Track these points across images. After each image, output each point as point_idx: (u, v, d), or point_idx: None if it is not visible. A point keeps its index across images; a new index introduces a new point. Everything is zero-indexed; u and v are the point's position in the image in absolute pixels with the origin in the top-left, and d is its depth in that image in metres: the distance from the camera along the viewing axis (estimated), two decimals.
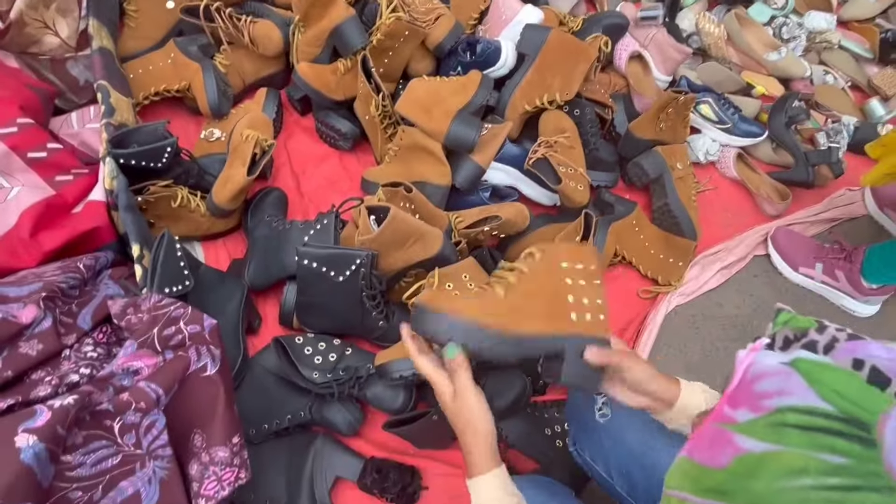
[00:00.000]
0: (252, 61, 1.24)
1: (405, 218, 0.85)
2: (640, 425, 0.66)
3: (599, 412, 0.68)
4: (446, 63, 1.25)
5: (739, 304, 1.18)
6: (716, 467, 0.31)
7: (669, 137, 1.22)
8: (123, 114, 1.03)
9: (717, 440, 0.32)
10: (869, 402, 0.28)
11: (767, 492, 0.29)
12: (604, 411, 0.67)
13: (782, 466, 0.28)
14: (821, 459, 0.28)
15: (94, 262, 0.85)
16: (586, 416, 0.69)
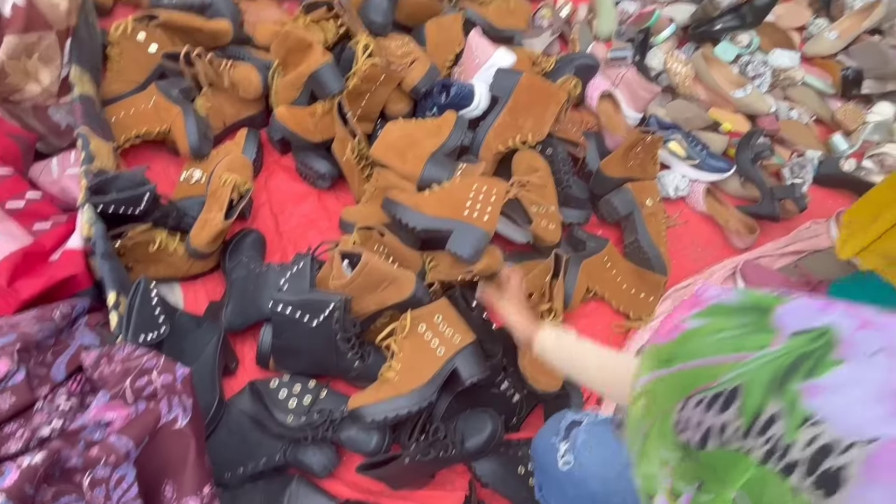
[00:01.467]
0: (232, 103, 1.27)
1: (377, 263, 0.88)
2: (602, 473, 0.68)
3: (562, 459, 0.69)
4: (422, 104, 1.28)
5: None
6: (667, 343, 0.43)
7: (639, 174, 1.26)
8: (103, 160, 1.05)
9: (673, 329, 0.44)
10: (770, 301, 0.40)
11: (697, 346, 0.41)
12: (567, 458, 0.69)
13: (708, 329, 0.41)
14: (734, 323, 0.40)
15: (71, 310, 0.87)
16: (550, 465, 0.71)
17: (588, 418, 0.72)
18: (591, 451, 0.68)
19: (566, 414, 0.74)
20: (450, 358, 0.91)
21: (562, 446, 0.70)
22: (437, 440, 0.87)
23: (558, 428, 0.72)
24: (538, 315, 0.99)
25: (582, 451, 0.68)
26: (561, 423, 0.72)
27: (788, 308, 0.38)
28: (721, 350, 0.39)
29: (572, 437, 0.70)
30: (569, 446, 0.69)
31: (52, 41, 1.07)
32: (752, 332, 0.38)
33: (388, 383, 0.88)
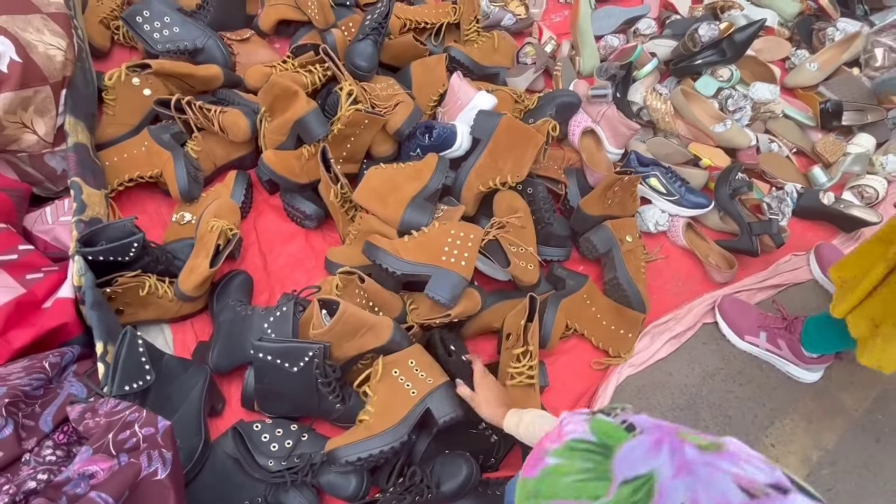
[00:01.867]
0: (222, 146, 1.31)
1: (355, 311, 0.91)
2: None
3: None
4: (407, 145, 1.32)
5: (689, 374, 1.23)
6: (532, 477, 0.49)
7: (619, 211, 1.29)
8: (95, 208, 1.09)
9: (537, 461, 0.50)
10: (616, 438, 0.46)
11: (552, 487, 0.46)
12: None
13: (561, 470, 0.47)
14: (579, 466, 0.46)
15: (60, 359, 0.90)
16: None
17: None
18: None
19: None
20: (422, 398, 0.93)
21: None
22: (413, 484, 0.89)
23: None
24: (514, 358, 1.02)
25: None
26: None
27: (625, 450, 0.44)
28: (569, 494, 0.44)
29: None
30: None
31: (47, 94, 1.12)
32: (593, 479, 0.44)
33: (362, 425, 0.91)
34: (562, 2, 1.91)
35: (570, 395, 1.16)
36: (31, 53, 1.08)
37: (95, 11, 1.52)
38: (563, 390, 1.15)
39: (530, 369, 1.01)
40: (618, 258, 1.24)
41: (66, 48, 1.18)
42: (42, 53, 1.11)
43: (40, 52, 1.10)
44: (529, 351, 1.01)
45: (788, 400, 1.22)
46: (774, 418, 1.19)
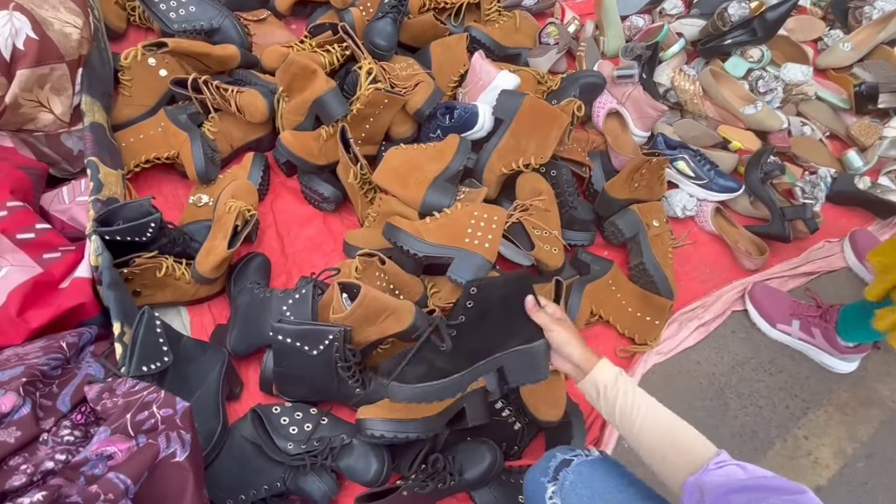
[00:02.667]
0: (239, 127, 1.29)
1: (376, 296, 0.88)
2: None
3: (550, 501, 0.69)
4: (427, 126, 1.29)
5: (717, 362, 1.19)
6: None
7: (645, 195, 1.25)
8: (112, 188, 1.07)
9: None
10: None
11: None
12: (554, 501, 0.68)
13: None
14: None
15: (78, 339, 0.89)
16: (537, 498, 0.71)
17: (578, 458, 0.71)
18: (579, 493, 0.67)
19: (556, 453, 0.73)
20: (461, 397, 0.91)
21: (549, 487, 0.69)
22: (436, 471, 0.87)
23: (548, 468, 0.71)
24: None
25: (570, 493, 0.67)
26: (551, 462, 0.72)
27: None
28: None
29: (561, 477, 0.69)
30: (557, 488, 0.69)
31: (63, 72, 1.10)
32: None
33: (400, 405, 0.88)
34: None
35: None
36: (47, 30, 1.06)
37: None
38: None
39: None
40: (644, 243, 1.20)
41: (82, 26, 1.16)
42: (58, 31, 1.09)
43: (56, 30, 1.08)
44: None
45: (822, 391, 1.18)
46: (807, 409, 1.15)
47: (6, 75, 1.01)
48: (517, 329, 0.79)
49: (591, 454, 0.73)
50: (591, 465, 0.70)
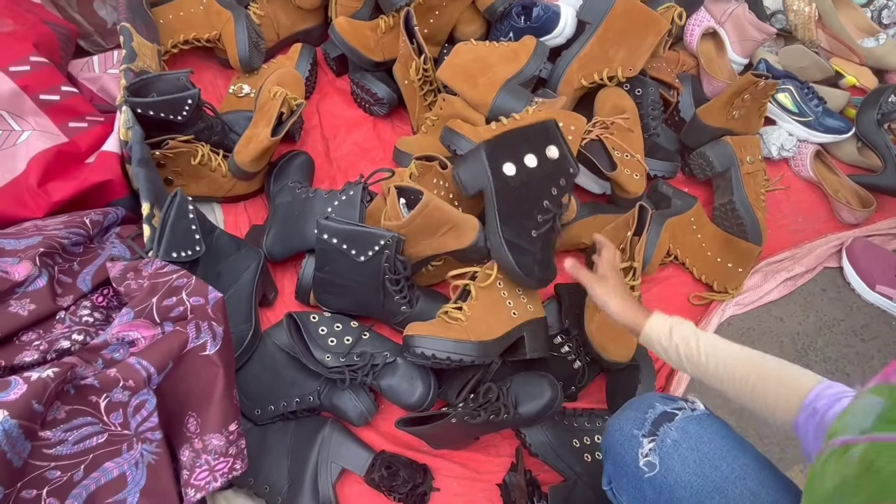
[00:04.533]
0: (288, 14, 1.15)
1: (439, 205, 0.76)
2: (693, 483, 0.56)
3: (645, 459, 0.58)
4: (497, 27, 1.13)
5: (802, 321, 1.06)
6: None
7: (741, 127, 1.09)
8: (146, 60, 0.96)
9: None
10: None
11: None
12: (650, 459, 0.57)
13: None
14: None
15: (103, 218, 0.80)
16: (628, 461, 0.60)
17: (683, 412, 0.60)
18: (683, 455, 0.56)
19: (654, 402, 0.62)
20: (522, 323, 0.80)
21: (645, 442, 0.58)
22: (488, 402, 0.77)
23: (643, 419, 0.60)
24: None
25: (671, 453, 0.57)
26: (647, 413, 0.60)
27: None
28: None
29: (661, 434, 0.58)
30: (654, 445, 0.58)
31: None
32: None
33: (456, 323, 0.78)
34: None
35: None
36: None
37: None
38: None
39: (633, 289, 0.85)
40: (736, 179, 1.05)
41: None
42: None
43: None
44: (634, 268, 0.85)
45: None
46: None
47: None
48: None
49: (696, 408, 0.61)
50: (699, 423, 0.58)
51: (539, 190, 0.79)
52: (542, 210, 0.79)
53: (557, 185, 0.80)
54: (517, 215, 0.79)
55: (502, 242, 0.78)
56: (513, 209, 0.78)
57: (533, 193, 0.79)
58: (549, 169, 0.79)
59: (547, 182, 0.79)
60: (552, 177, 0.80)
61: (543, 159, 0.79)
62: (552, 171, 0.80)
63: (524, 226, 0.79)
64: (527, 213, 0.79)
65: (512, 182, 0.78)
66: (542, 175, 0.79)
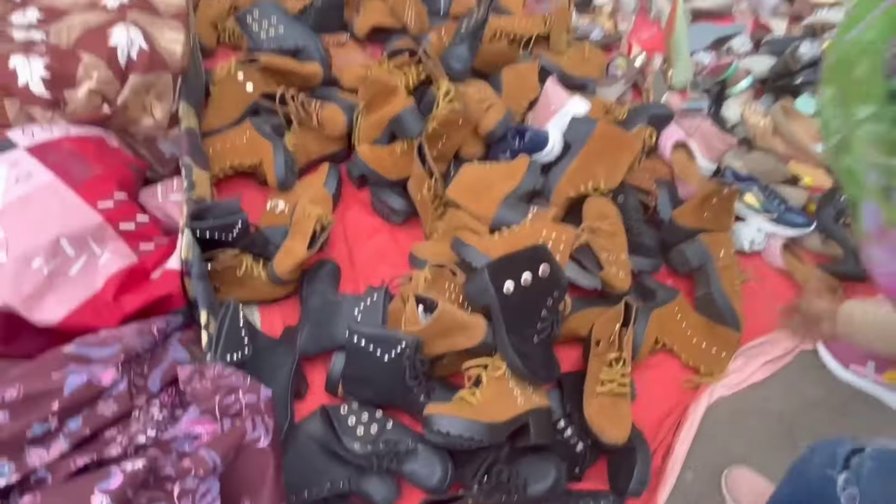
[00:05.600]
0: (318, 140, 1.35)
1: (452, 312, 0.90)
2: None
3: (845, 492, 0.60)
4: (496, 148, 1.33)
5: (786, 401, 1.15)
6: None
7: (713, 226, 1.24)
8: (202, 188, 1.14)
9: None
10: None
11: None
12: (850, 491, 0.59)
13: None
14: None
15: (166, 326, 0.93)
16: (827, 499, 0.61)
17: (871, 445, 0.63)
18: (884, 480, 0.59)
19: (837, 445, 0.64)
20: (528, 411, 0.91)
21: (840, 478, 0.61)
22: (500, 483, 0.87)
23: (833, 457, 0.63)
24: (606, 363, 0.98)
25: (871, 480, 0.59)
26: (837, 450, 0.64)
27: None
28: None
29: (854, 465, 0.61)
30: (849, 476, 0.60)
31: (167, 80, 1.18)
32: None
33: (469, 405, 0.89)
34: (651, 20, 1.89)
35: (658, 410, 1.10)
36: (155, 44, 1.15)
37: (205, 13, 1.62)
38: (651, 405, 1.10)
39: (623, 377, 0.97)
40: (712, 272, 1.18)
41: (183, 42, 1.26)
42: (164, 46, 1.18)
43: (162, 46, 1.17)
44: (623, 358, 0.97)
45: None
46: None
47: (121, 80, 1.10)
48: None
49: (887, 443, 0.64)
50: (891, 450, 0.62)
51: (536, 303, 0.93)
52: (541, 319, 0.93)
53: (552, 297, 0.94)
54: (520, 325, 0.92)
55: (510, 350, 0.91)
56: (515, 320, 0.92)
57: (531, 306, 0.93)
58: (542, 285, 0.94)
59: (542, 295, 0.94)
60: (546, 291, 0.94)
61: (537, 277, 0.93)
62: (546, 286, 0.94)
63: (527, 334, 0.92)
64: (528, 323, 0.93)
65: (512, 298, 0.92)
66: (538, 290, 0.93)
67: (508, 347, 0.93)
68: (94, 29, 1.11)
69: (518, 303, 0.93)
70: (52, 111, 1.08)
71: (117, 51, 1.08)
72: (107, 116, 1.11)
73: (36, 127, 1.02)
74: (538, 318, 0.94)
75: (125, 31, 1.11)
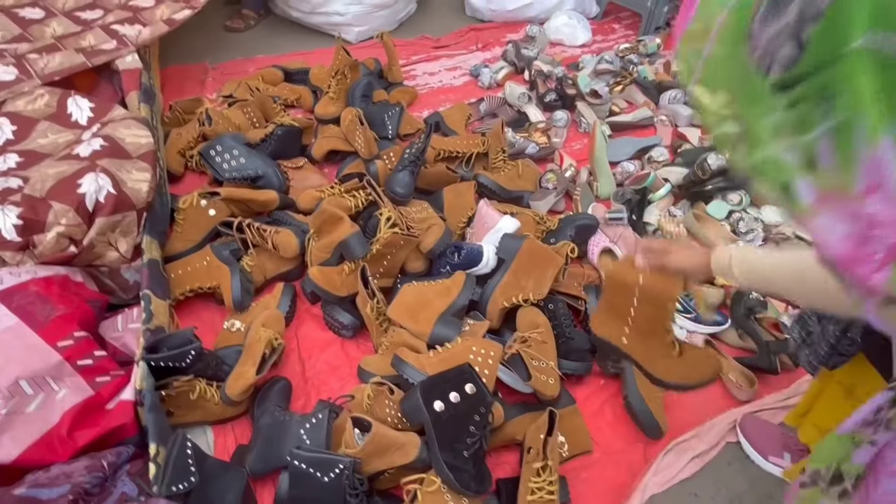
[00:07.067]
0: (273, 261, 1.47)
1: (385, 433, 0.98)
2: None
3: None
4: (437, 263, 1.45)
5: (714, 495, 1.22)
6: None
7: None
8: (160, 317, 1.23)
9: None
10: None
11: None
12: None
13: None
14: None
15: (117, 459, 0.99)
16: None
17: None
18: None
19: None
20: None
21: None
22: None
23: None
24: (534, 472, 1.05)
25: None
26: None
27: None
28: None
29: None
30: None
31: (132, 218, 1.31)
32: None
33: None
34: (581, 131, 2.11)
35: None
36: (122, 186, 1.28)
37: (175, 143, 1.78)
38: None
39: (550, 484, 1.04)
40: (629, 377, 1.28)
41: (150, 179, 1.39)
42: (131, 187, 1.31)
43: (129, 187, 1.30)
44: (549, 466, 1.04)
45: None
46: None
47: (87, 223, 1.22)
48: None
49: None
50: None
51: (464, 420, 1.02)
52: (470, 434, 1.01)
53: (479, 413, 1.03)
54: (451, 441, 1.00)
55: (442, 465, 0.98)
56: (447, 437, 1.00)
57: (460, 423, 1.02)
58: (469, 402, 1.03)
59: (469, 413, 1.03)
60: (473, 408, 1.03)
61: (464, 395, 1.03)
62: (472, 404, 1.03)
63: (457, 449, 1.00)
64: (458, 439, 1.01)
65: (442, 416, 1.01)
66: (465, 407, 1.03)
67: (441, 463, 1.00)
68: (67, 177, 1.24)
69: (448, 420, 1.02)
70: (22, 253, 1.18)
71: (85, 197, 1.21)
72: (73, 255, 1.22)
73: (4, 271, 1.12)
74: (467, 433, 1.02)
75: (94, 179, 1.24)
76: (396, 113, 1.86)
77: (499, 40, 2.64)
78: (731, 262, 0.79)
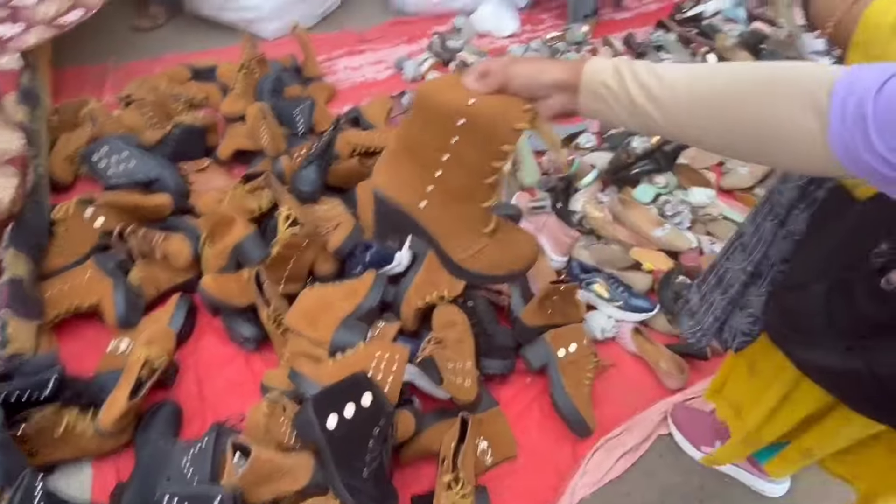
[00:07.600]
0: (166, 272, 1.33)
1: (269, 458, 0.87)
2: None
3: None
4: (349, 263, 1.34)
5: (646, 491, 1.15)
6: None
7: (561, 320, 1.29)
8: (21, 342, 1.08)
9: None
10: None
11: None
12: None
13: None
14: None
15: None
16: None
17: None
18: None
19: None
20: None
21: None
22: None
23: None
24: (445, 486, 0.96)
25: None
26: None
27: None
28: None
29: None
30: None
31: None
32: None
33: None
34: None
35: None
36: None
37: (63, 148, 1.62)
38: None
39: (464, 497, 0.94)
40: (553, 374, 1.21)
41: (16, 186, 1.24)
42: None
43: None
44: (461, 478, 0.95)
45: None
46: None
47: None
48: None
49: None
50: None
51: (362, 434, 0.91)
52: (369, 451, 0.91)
53: (378, 426, 0.93)
54: (347, 459, 0.90)
55: (340, 487, 0.88)
56: (343, 455, 0.90)
57: (357, 439, 0.91)
58: (366, 414, 0.92)
59: (367, 426, 0.92)
60: (371, 420, 0.93)
61: (360, 407, 0.92)
62: (370, 416, 0.93)
63: (356, 468, 0.90)
64: (356, 457, 0.90)
65: (337, 432, 0.90)
66: (361, 421, 0.92)
67: (339, 484, 0.89)
68: None
69: (344, 436, 0.91)
70: None
71: None
72: None
73: None
74: (366, 449, 0.91)
75: None
76: (307, 107, 1.74)
77: (426, 33, 2.55)
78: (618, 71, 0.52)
